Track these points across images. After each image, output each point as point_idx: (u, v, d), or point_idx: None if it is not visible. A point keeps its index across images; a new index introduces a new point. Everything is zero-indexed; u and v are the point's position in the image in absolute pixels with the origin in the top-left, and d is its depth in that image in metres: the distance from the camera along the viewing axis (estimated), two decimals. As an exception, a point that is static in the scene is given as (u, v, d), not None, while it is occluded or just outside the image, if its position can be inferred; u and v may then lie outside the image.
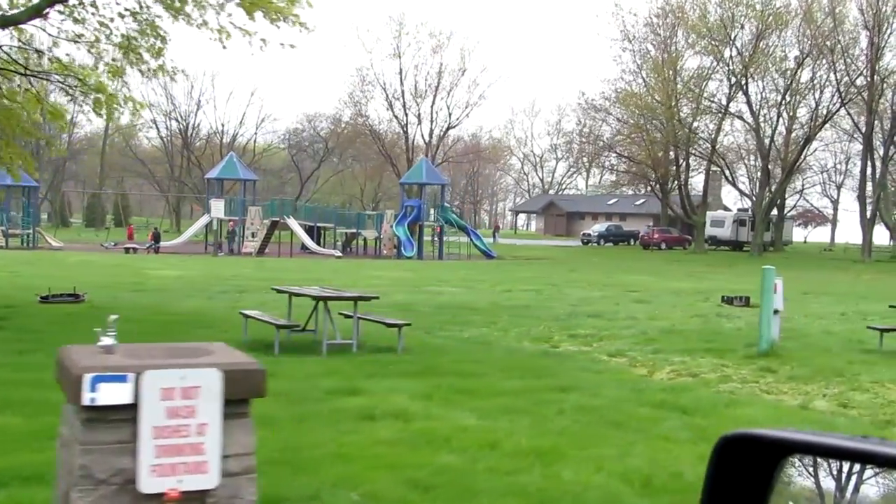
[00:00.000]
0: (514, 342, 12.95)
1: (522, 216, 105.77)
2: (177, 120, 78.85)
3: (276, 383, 6.15)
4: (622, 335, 14.04)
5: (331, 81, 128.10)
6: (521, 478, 5.62)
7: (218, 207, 43.11)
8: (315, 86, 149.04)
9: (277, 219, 45.32)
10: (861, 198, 51.49)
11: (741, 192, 58.97)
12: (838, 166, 77.79)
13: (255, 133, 76.88)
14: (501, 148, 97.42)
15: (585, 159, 67.27)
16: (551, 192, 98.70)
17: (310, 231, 49.85)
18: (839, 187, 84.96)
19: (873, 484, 1.15)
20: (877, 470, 1.14)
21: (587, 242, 70.85)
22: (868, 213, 50.94)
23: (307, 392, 8.22)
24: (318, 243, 49.78)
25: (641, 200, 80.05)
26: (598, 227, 73.51)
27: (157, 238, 45.34)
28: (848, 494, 1.17)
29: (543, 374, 9.96)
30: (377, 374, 9.39)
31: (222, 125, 77.88)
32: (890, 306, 14.49)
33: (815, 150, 68.67)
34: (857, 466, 1.17)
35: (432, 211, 47.18)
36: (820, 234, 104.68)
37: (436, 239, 46.74)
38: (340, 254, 44.54)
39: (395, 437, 6.63)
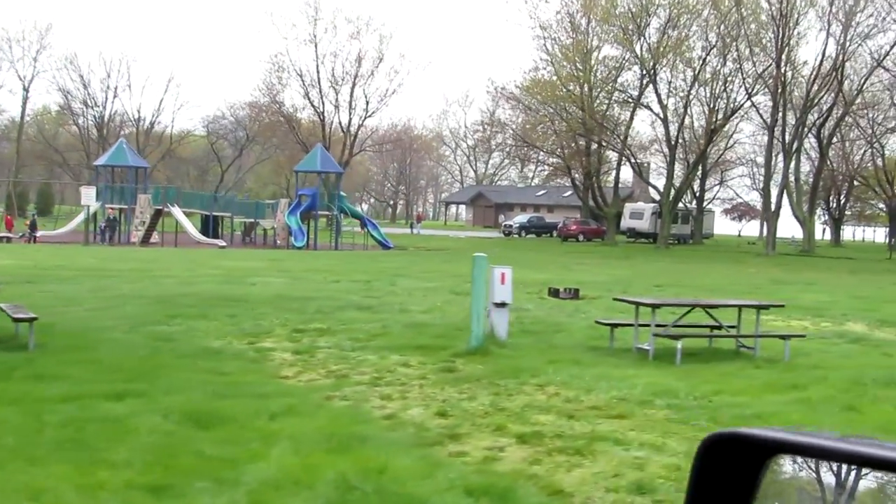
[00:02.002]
0: (211, 339, 11.55)
1: (455, 208, 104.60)
2: (91, 107, 76.46)
3: None
4: (355, 329, 12.75)
5: (252, 68, 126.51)
6: None
7: (89, 195, 41.24)
8: (237, 72, 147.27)
9: (161, 207, 43.56)
10: (765, 190, 50.85)
11: (651, 186, 58.07)
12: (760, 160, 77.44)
13: (172, 120, 74.69)
14: (433, 138, 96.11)
15: (493, 148, 65.95)
16: (486, 183, 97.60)
17: (206, 221, 48.30)
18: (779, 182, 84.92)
19: (861, 485, 1.13)
20: (865, 471, 1.12)
21: (508, 234, 69.85)
22: (773, 207, 50.31)
23: None
24: (216, 233, 48.27)
25: (569, 192, 79.13)
26: (520, 218, 72.52)
27: (33, 227, 43.36)
28: (835, 495, 1.16)
29: (150, 376, 8.57)
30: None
31: (138, 112, 75.44)
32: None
33: (736, 142, 68.28)
34: (845, 467, 1.14)
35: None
36: (754, 228, 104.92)
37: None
38: (225, 243, 42.91)
39: None
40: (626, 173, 69.72)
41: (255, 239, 49.63)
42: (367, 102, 66.21)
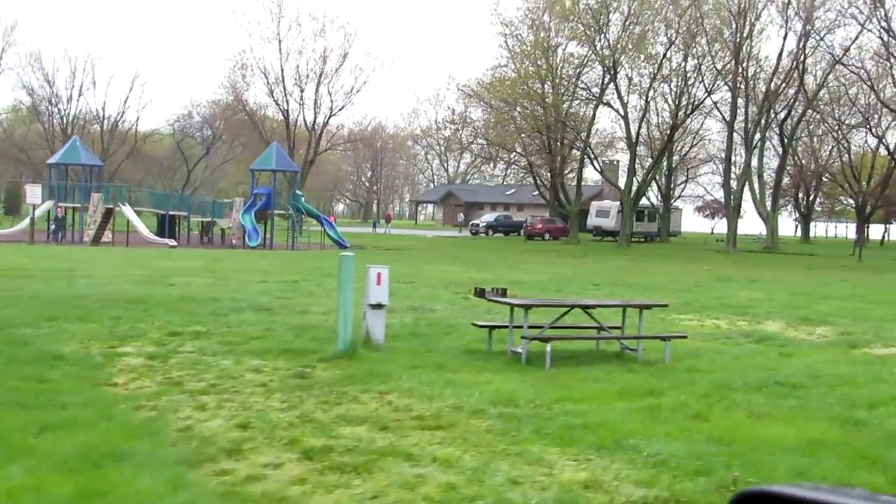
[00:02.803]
0: (67, 344, 10.87)
1: (430, 207, 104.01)
2: (56, 105, 75.36)
3: None
4: (236, 332, 12.17)
5: (218, 65, 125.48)
6: None
7: (34, 194, 40.36)
8: (203, 70, 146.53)
9: (111, 206, 42.77)
10: (726, 187, 50.48)
11: (612, 184, 57.61)
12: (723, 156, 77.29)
13: (137, 119, 73.69)
14: (405, 137, 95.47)
15: (456, 146, 65.42)
16: (458, 182, 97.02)
17: (162, 220, 47.58)
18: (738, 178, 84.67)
19: None
20: None
21: (475, 233, 69.39)
22: (733, 203, 49.97)
23: None
24: (172, 232, 47.56)
25: (544, 190, 78.70)
26: (487, 217, 72.04)
27: (-18, 226, 42.50)
28: None
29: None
30: None
31: (103, 110, 74.33)
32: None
33: (703, 139, 68.00)
34: None
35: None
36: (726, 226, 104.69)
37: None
38: (175, 243, 42.14)
39: None
40: (596, 171, 69.26)
41: (213, 238, 48.96)
42: (332, 101, 65.47)
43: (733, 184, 59.27)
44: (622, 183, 74.57)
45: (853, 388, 8.90)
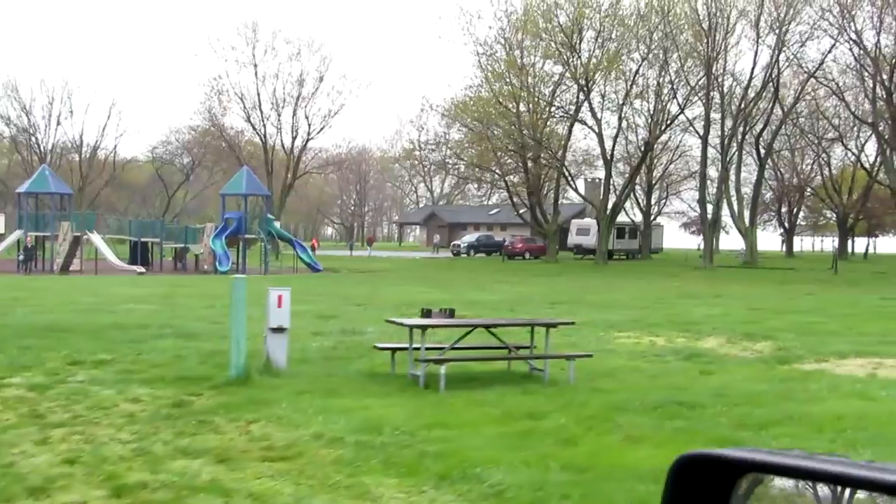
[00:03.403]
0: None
1: (415, 228, 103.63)
2: (33, 135, 75.03)
3: None
4: (142, 360, 11.76)
5: (195, 91, 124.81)
6: None
7: (-2, 223, 39.97)
8: (180, 96, 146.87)
9: (79, 234, 42.36)
10: (701, 202, 50.19)
11: (588, 202, 57.24)
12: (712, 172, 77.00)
13: (115, 147, 73.38)
14: (390, 159, 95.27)
15: (431, 167, 65.16)
16: (442, 202, 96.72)
17: (135, 247, 47.21)
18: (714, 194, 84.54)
19: (828, 501, 1.15)
20: (833, 488, 1.14)
21: (457, 253, 69.01)
22: (709, 218, 49.67)
23: None
24: (145, 259, 47.18)
25: (523, 210, 78.38)
26: (469, 237, 71.68)
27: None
28: None
29: None
30: None
31: (81, 139, 73.99)
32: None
33: (683, 155, 67.84)
34: (810, 484, 1.16)
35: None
36: (723, 243, 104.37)
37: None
38: (143, 270, 41.69)
39: None
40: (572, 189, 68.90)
41: (187, 264, 48.48)
42: (310, 124, 65.25)
43: (710, 199, 59.21)
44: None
45: (753, 408, 8.49)
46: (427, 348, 9.88)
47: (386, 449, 6.70)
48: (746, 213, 55.62)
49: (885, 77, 41.79)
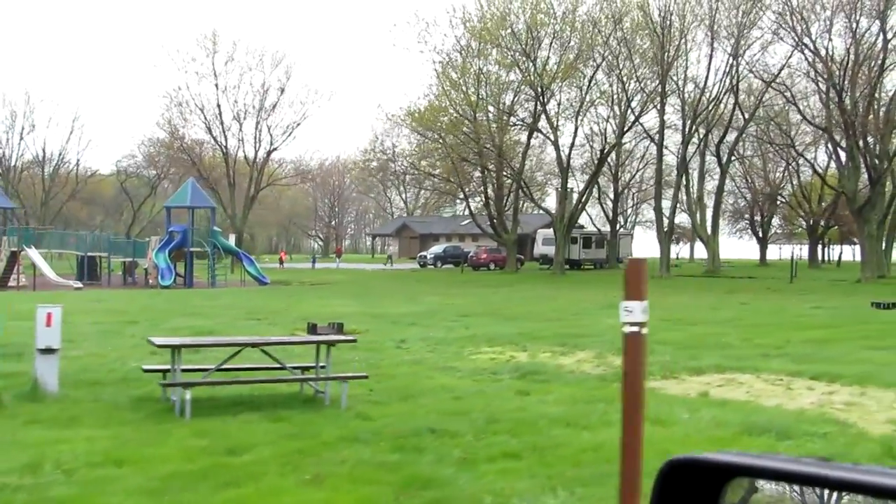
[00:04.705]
0: None
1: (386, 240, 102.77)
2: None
3: None
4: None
5: (156, 103, 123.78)
6: None
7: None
8: (144, 109, 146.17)
9: (16, 249, 41.44)
10: (657, 210, 49.34)
11: (544, 210, 56.36)
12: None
13: (77, 161, 72.47)
14: (362, 171, 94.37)
15: (385, 177, 64.31)
16: (417, 213, 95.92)
17: (82, 261, 46.31)
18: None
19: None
20: (820, 492, 1.15)
21: (423, 265, 68.23)
22: (665, 226, 48.84)
23: None
24: (93, 274, 46.34)
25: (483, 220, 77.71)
26: (436, 248, 70.90)
27: None
28: None
29: None
30: None
31: (43, 153, 73.12)
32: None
33: (648, 164, 67.04)
34: (797, 488, 1.17)
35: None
36: (691, 250, 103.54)
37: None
38: (80, 284, 40.69)
39: None
40: (549, 200, 68.16)
41: (136, 279, 47.53)
42: (272, 135, 64.42)
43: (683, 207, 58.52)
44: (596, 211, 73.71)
45: (510, 436, 7.59)
46: (186, 370, 8.96)
47: (22, 491, 5.80)
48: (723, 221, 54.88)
49: (836, 80, 41.06)
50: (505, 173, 52.76)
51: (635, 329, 4.82)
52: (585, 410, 8.93)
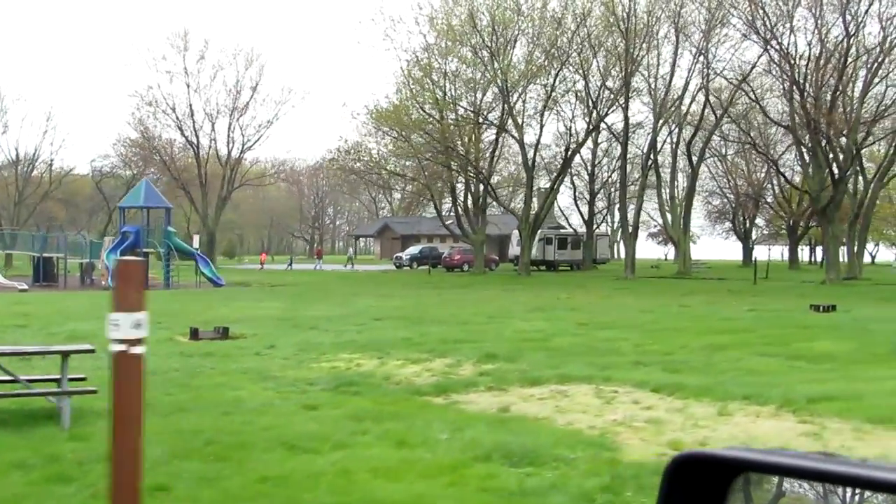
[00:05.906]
0: None
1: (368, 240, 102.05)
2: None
3: None
4: None
5: (127, 102, 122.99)
6: None
7: None
8: (118, 108, 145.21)
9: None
10: (622, 210, 48.43)
11: (510, 211, 55.46)
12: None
13: (51, 162, 71.81)
14: (348, 171, 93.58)
15: (353, 177, 63.58)
16: (400, 214, 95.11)
17: (38, 262, 45.63)
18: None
19: (827, 501, 1.17)
20: (829, 487, 1.16)
21: (399, 266, 67.51)
22: (630, 227, 47.93)
23: None
24: (50, 275, 45.64)
25: (450, 221, 76.82)
26: (412, 249, 70.21)
27: None
28: None
29: None
30: None
31: (16, 153, 72.43)
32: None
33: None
34: (805, 483, 1.18)
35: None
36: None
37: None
38: (25, 286, 39.98)
39: None
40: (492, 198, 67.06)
41: (95, 280, 46.78)
42: (244, 136, 63.69)
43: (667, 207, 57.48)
44: (557, 211, 73.00)
45: (200, 463, 6.73)
46: None
47: None
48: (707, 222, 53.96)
49: (798, 77, 40.10)
50: (469, 172, 51.90)
51: (122, 348, 3.97)
52: (342, 427, 8.07)
